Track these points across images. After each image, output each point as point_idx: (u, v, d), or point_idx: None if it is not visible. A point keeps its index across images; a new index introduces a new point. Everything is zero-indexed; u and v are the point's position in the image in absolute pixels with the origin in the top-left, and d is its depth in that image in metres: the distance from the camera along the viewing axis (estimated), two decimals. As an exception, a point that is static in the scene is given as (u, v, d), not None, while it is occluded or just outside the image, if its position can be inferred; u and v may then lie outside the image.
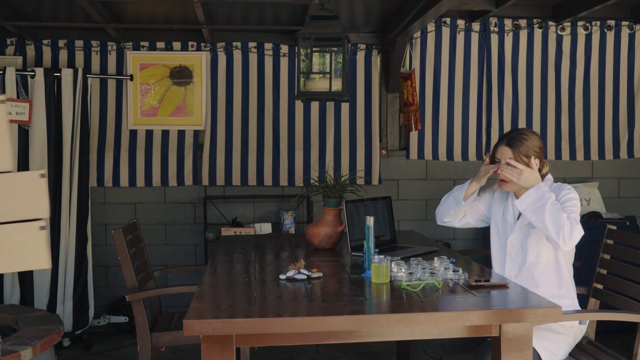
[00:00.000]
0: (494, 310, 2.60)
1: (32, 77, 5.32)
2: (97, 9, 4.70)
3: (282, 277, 3.13)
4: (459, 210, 3.64)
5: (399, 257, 3.34)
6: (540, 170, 3.39)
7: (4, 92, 5.24)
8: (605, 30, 5.87)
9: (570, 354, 3.30)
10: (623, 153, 5.98)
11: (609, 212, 5.78)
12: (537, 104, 5.88)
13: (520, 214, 3.43)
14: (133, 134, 5.73)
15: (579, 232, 3.11)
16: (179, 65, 5.71)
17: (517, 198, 3.45)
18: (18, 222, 2.37)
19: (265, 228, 5.58)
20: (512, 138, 3.38)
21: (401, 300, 2.74)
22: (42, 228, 2.39)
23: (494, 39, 5.80)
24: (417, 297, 2.76)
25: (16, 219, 2.37)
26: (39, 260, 2.36)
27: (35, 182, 2.37)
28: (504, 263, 3.43)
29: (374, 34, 5.82)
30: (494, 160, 3.44)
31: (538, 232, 3.31)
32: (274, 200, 5.89)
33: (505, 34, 5.80)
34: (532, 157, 3.34)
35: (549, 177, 3.42)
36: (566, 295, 3.31)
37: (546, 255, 3.32)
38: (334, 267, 3.43)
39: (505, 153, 3.37)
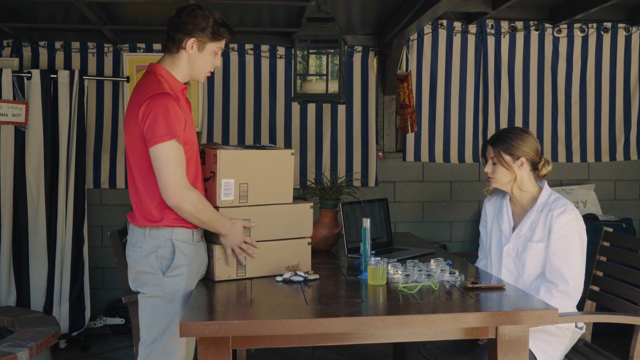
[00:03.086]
0: (490, 312, 2.60)
1: (29, 78, 5.32)
2: (94, 10, 4.69)
3: (278, 279, 3.13)
4: None
5: (396, 259, 3.34)
6: (537, 170, 3.37)
7: (0, 93, 5.24)
8: (602, 33, 5.87)
9: (567, 356, 3.30)
10: (619, 155, 5.98)
11: (605, 215, 5.78)
12: (534, 106, 5.88)
13: (515, 225, 3.42)
14: (129, 135, 5.70)
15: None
16: (176, 67, 5.69)
17: (511, 202, 3.45)
18: (294, 239, 3.24)
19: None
20: (497, 136, 3.41)
21: (397, 302, 2.74)
22: (308, 244, 3.28)
23: (491, 41, 5.80)
24: (413, 299, 2.76)
25: (293, 237, 3.24)
26: (306, 266, 3.27)
27: (306, 211, 3.28)
28: (500, 271, 3.43)
29: (370, 35, 5.81)
30: (485, 158, 3.45)
31: (536, 247, 3.30)
32: (270, 202, 5.87)
33: (502, 36, 5.81)
34: (518, 158, 3.32)
35: (546, 187, 3.39)
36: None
37: (544, 269, 3.29)
38: (330, 269, 3.43)
39: (489, 152, 3.41)
